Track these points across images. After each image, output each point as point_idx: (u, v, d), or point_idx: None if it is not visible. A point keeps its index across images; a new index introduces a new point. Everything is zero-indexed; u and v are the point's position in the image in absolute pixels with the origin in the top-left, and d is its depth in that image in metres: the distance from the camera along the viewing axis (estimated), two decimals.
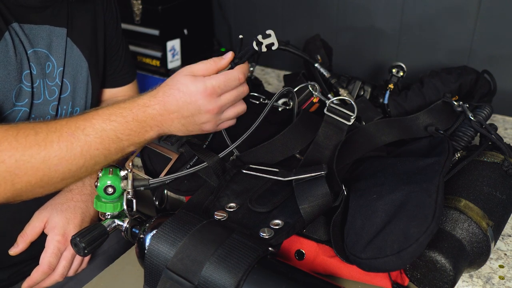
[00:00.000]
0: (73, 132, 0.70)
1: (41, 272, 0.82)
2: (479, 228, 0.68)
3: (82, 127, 0.70)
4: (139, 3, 1.44)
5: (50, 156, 0.68)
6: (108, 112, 0.72)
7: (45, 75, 0.87)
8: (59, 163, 0.69)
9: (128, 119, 0.72)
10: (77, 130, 0.70)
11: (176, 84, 0.74)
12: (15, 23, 0.80)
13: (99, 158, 0.72)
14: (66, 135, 0.69)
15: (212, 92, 0.73)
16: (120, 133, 0.72)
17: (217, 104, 0.75)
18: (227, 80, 0.75)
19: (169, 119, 0.74)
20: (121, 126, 0.72)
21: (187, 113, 0.74)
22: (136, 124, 0.72)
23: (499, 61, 1.23)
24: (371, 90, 1.04)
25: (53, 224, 0.83)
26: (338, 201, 0.73)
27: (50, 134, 0.69)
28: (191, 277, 0.57)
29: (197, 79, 0.73)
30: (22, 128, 0.69)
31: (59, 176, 0.70)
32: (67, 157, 0.69)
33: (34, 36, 0.84)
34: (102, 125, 0.71)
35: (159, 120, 0.74)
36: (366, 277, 0.70)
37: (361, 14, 1.39)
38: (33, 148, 0.68)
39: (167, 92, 0.74)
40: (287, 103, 0.99)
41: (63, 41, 0.89)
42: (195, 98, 0.73)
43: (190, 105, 0.73)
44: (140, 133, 0.73)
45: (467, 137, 0.86)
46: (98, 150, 0.71)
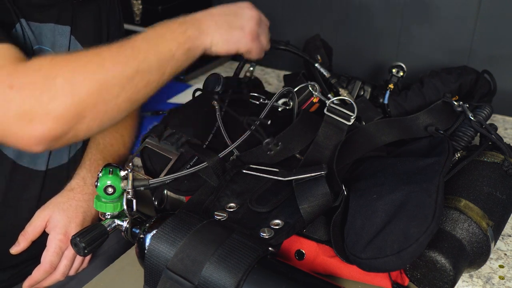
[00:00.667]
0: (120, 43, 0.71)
1: (43, 271, 0.82)
2: (479, 228, 0.68)
3: (127, 40, 0.72)
4: (139, 3, 1.44)
5: (104, 60, 0.68)
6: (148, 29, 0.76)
7: None
8: (113, 67, 0.68)
9: (169, 24, 0.76)
10: (123, 40, 0.72)
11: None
12: (23, 19, 0.80)
13: (151, 60, 0.71)
14: (115, 45, 0.70)
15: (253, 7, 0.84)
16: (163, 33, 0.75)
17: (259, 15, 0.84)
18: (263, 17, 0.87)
19: (210, 16, 0.79)
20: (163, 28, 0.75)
21: (229, 11, 0.81)
22: (177, 24, 0.76)
23: (499, 61, 1.23)
24: (371, 90, 1.04)
25: (55, 223, 0.83)
26: (338, 201, 0.73)
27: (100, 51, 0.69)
28: (191, 277, 0.57)
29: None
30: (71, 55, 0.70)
31: (117, 83, 0.67)
32: (120, 58, 0.69)
33: (39, 34, 0.84)
34: (146, 30, 0.75)
35: (199, 18, 0.78)
36: (366, 277, 0.70)
37: (361, 14, 1.39)
38: (87, 56, 0.68)
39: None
40: (287, 103, 0.99)
41: (67, 39, 0.89)
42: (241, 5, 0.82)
43: (234, 6, 0.81)
44: (182, 31, 0.75)
45: (467, 137, 0.86)
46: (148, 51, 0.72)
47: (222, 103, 0.93)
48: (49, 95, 0.62)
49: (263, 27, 0.86)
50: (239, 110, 0.98)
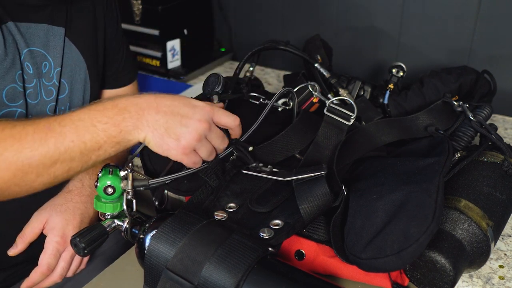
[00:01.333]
0: (49, 124, 0.67)
1: (40, 273, 0.82)
2: (479, 228, 0.68)
3: (60, 119, 0.68)
4: (139, 3, 1.44)
5: (23, 147, 0.65)
6: (92, 104, 0.70)
7: (41, 74, 0.86)
8: (32, 156, 0.65)
9: (108, 106, 0.68)
10: (54, 122, 0.67)
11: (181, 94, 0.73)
12: (11, 22, 0.80)
13: (74, 152, 0.67)
14: (42, 127, 0.67)
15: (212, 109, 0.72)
16: (96, 121, 0.67)
17: (209, 122, 0.72)
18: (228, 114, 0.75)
19: (154, 112, 0.69)
20: (99, 113, 0.68)
21: (179, 112, 0.70)
22: (115, 111, 0.68)
23: (499, 61, 1.23)
24: (371, 90, 1.04)
25: (52, 225, 0.83)
26: (338, 201, 0.73)
27: (26, 127, 0.67)
28: (191, 277, 0.57)
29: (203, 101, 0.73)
30: (1, 123, 0.67)
31: (33, 171, 0.66)
32: (40, 149, 0.66)
33: (31, 35, 0.84)
34: (80, 115, 0.68)
35: (142, 107, 0.69)
36: (366, 277, 0.70)
37: (361, 14, 1.39)
38: (7, 140, 0.65)
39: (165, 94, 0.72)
40: (287, 103, 0.99)
41: (61, 41, 0.89)
42: (195, 104, 0.71)
43: (185, 107, 0.70)
44: (116, 121, 0.68)
45: (467, 137, 0.86)
46: (73, 142, 0.67)
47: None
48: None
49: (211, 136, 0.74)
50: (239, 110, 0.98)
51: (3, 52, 0.78)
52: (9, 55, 0.80)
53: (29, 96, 0.85)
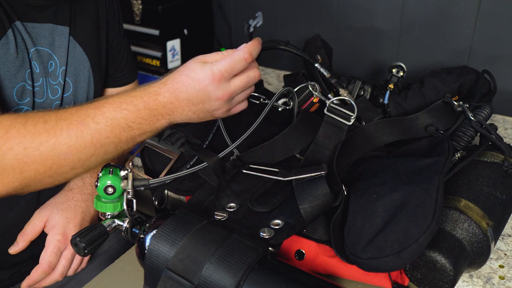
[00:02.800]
0: (83, 120, 0.69)
1: (41, 271, 0.82)
2: (479, 228, 0.68)
3: (92, 115, 0.69)
4: (139, 3, 1.44)
5: (60, 143, 0.67)
6: (119, 101, 0.71)
7: (47, 73, 0.87)
8: (68, 151, 0.67)
9: (139, 107, 0.71)
10: (87, 118, 0.69)
11: (185, 70, 0.73)
12: (18, 21, 0.80)
13: (109, 147, 0.71)
14: (76, 123, 0.68)
15: (220, 78, 0.72)
16: (131, 122, 0.71)
17: (226, 90, 0.73)
18: (232, 62, 0.72)
19: (179, 106, 0.73)
20: (132, 114, 0.71)
21: (197, 101, 0.73)
22: (147, 112, 0.72)
23: (499, 61, 1.23)
24: (371, 90, 1.04)
25: (53, 223, 0.83)
26: (338, 201, 0.73)
27: (59, 122, 0.68)
28: (191, 277, 0.57)
29: (206, 65, 0.72)
30: (31, 117, 0.68)
31: (68, 164, 0.69)
32: (77, 145, 0.68)
33: (37, 35, 0.84)
34: (113, 113, 0.70)
35: (169, 108, 0.73)
36: (366, 277, 0.70)
37: (361, 14, 1.39)
38: (42, 135, 0.66)
39: (176, 78, 0.73)
40: (287, 103, 0.99)
41: (66, 40, 0.89)
42: (204, 85, 0.72)
43: (200, 92, 0.72)
44: (151, 122, 0.72)
45: (467, 137, 0.86)
46: (109, 138, 0.70)
47: None
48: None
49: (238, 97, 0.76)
50: None
51: (15, 50, 0.79)
52: (19, 54, 0.80)
53: (36, 94, 0.85)
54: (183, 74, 0.73)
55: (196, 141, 0.89)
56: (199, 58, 0.74)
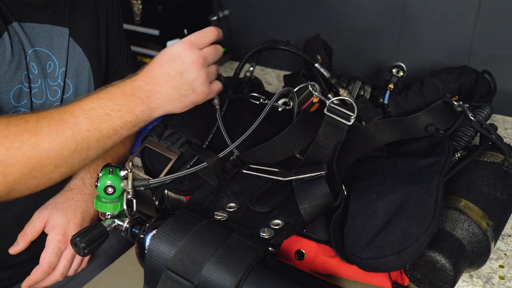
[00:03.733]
0: (62, 116, 0.69)
1: (41, 271, 0.82)
2: (479, 228, 0.68)
3: (71, 110, 0.70)
4: (139, 3, 1.44)
5: (41, 141, 0.67)
6: (96, 93, 0.72)
7: (46, 74, 0.87)
8: (50, 148, 0.67)
9: (116, 94, 0.71)
10: (66, 113, 0.69)
11: (159, 54, 0.75)
12: (15, 22, 0.80)
13: (91, 140, 0.70)
14: (56, 119, 0.68)
15: (191, 44, 0.74)
16: (109, 110, 0.70)
17: (200, 54, 0.75)
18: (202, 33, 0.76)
19: (157, 84, 0.73)
20: (110, 102, 0.71)
21: (173, 71, 0.73)
22: (125, 98, 0.71)
23: (499, 61, 1.23)
24: (371, 90, 1.04)
25: (54, 224, 0.83)
26: (338, 201, 0.73)
27: (40, 120, 0.68)
28: (191, 277, 0.57)
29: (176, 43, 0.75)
30: (14, 118, 0.68)
31: (51, 163, 0.68)
32: (58, 140, 0.68)
33: (35, 35, 0.84)
34: (91, 105, 0.70)
35: (147, 89, 0.72)
36: (366, 277, 0.70)
37: (361, 14, 1.39)
38: (24, 134, 0.66)
39: (150, 64, 0.75)
40: (287, 103, 0.99)
41: (65, 41, 0.89)
42: (177, 54, 0.73)
43: (174, 62, 0.73)
44: (129, 107, 0.72)
45: (467, 137, 0.86)
46: (89, 131, 0.70)
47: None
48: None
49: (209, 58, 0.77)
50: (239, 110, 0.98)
51: (10, 53, 0.79)
52: (16, 56, 0.80)
53: (35, 96, 0.85)
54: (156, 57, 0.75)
55: (196, 141, 0.89)
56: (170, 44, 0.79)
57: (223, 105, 0.96)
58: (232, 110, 0.97)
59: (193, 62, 0.74)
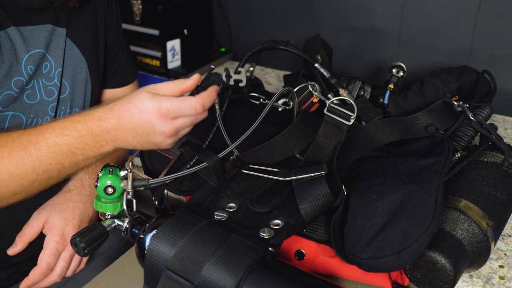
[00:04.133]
0: (24, 147, 0.68)
1: (39, 272, 0.82)
2: (479, 228, 0.68)
3: (34, 141, 0.69)
4: (139, 3, 1.44)
5: (0, 170, 0.67)
6: (61, 126, 0.70)
7: (40, 75, 0.86)
8: (9, 178, 0.68)
9: (82, 133, 0.70)
10: (29, 144, 0.69)
11: (133, 99, 0.70)
12: (13, 26, 0.80)
13: (52, 172, 0.70)
14: (17, 149, 0.68)
15: (166, 114, 0.70)
16: (73, 148, 0.70)
17: (172, 126, 0.71)
18: (181, 107, 0.70)
19: (123, 134, 0.71)
20: (75, 140, 0.70)
21: (141, 132, 0.71)
22: (91, 138, 0.70)
23: (499, 61, 1.23)
24: (371, 90, 1.04)
25: (52, 225, 0.83)
26: (338, 201, 0.73)
27: (0, 149, 0.68)
28: (191, 277, 0.57)
29: (155, 97, 0.70)
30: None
31: (10, 191, 0.69)
32: (18, 172, 0.68)
33: (33, 37, 0.84)
34: (55, 139, 0.69)
35: (114, 134, 0.71)
36: (366, 277, 0.70)
37: (361, 14, 1.39)
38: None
39: (123, 106, 0.71)
40: (287, 103, 0.99)
41: (62, 42, 0.89)
42: (150, 117, 0.70)
43: (145, 124, 0.70)
44: (95, 147, 0.71)
45: (467, 137, 0.86)
46: (51, 164, 0.70)
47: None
48: None
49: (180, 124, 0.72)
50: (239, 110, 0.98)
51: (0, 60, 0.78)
52: (6, 62, 0.79)
53: (28, 97, 0.85)
54: (130, 102, 0.71)
55: (196, 141, 0.89)
56: (149, 88, 0.72)
57: (223, 105, 0.96)
58: (232, 110, 0.97)
59: (162, 133, 0.71)
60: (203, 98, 0.72)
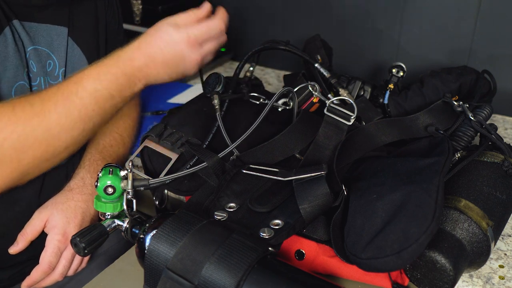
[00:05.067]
0: (67, 97, 0.70)
1: (41, 271, 0.82)
2: (479, 228, 0.68)
3: (75, 91, 0.71)
4: (139, 3, 1.44)
5: (51, 125, 0.69)
6: (96, 72, 0.73)
7: (46, 73, 0.87)
8: (61, 130, 0.70)
9: (118, 75, 0.73)
10: (71, 95, 0.71)
11: (159, 33, 0.75)
12: (16, 20, 0.80)
13: (96, 118, 0.74)
14: (61, 101, 0.70)
15: (195, 42, 0.75)
16: (112, 90, 0.73)
17: (200, 53, 0.77)
18: (208, 30, 0.77)
19: (155, 69, 0.76)
20: (112, 83, 0.73)
21: (172, 63, 0.76)
22: (125, 78, 0.74)
23: (499, 61, 1.23)
24: (371, 90, 1.04)
25: (54, 224, 0.83)
26: (338, 201, 0.73)
27: (45, 103, 0.69)
28: (191, 277, 0.57)
29: (180, 29, 0.75)
30: (17, 102, 0.69)
31: (62, 144, 0.71)
32: (67, 123, 0.70)
33: (35, 34, 0.84)
34: (94, 86, 0.72)
35: (145, 71, 0.76)
36: (366, 277, 0.70)
37: (361, 14, 1.39)
38: (33, 119, 0.68)
39: (151, 42, 0.75)
40: (287, 103, 0.99)
41: (64, 41, 0.89)
42: (180, 48, 0.75)
43: (176, 56, 0.75)
44: (129, 87, 0.76)
45: (467, 137, 0.86)
46: (94, 111, 0.72)
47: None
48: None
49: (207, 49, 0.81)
50: (239, 110, 0.98)
51: (13, 48, 0.79)
52: (17, 53, 0.80)
53: None
54: (156, 37, 0.75)
55: (196, 141, 0.89)
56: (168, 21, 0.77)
57: (223, 105, 0.96)
58: (232, 110, 0.97)
59: (192, 61, 0.77)
60: (223, 16, 0.82)
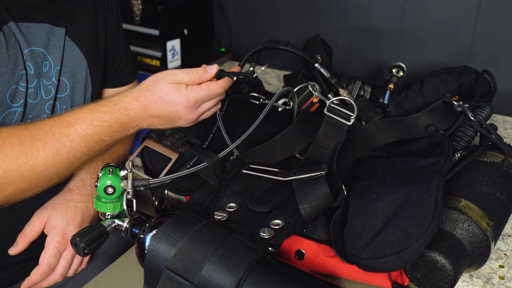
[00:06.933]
0: (58, 139, 0.72)
1: (41, 272, 0.82)
2: (479, 228, 0.68)
3: (66, 133, 0.73)
4: (139, 3, 1.44)
5: (38, 164, 0.71)
6: (90, 117, 0.75)
7: (41, 74, 0.86)
8: (46, 169, 0.72)
9: (111, 123, 0.75)
10: (62, 136, 0.73)
11: (158, 92, 0.76)
12: (12, 22, 0.80)
13: (83, 158, 0.76)
14: (51, 142, 0.72)
15: (194, 104, 0.77)
16: (103, 136, 0.75)
17: (196, 113, 0.79)
18: (208, 95, 0.78)
19: (149, 120, 0.78)
20: (105, 130, 0.75)
21: (167, 118, 0.78)
22: (119, 126, 0.76)
23: (499, 61, 1.23)
24: (371, 90, 1.04)
25: (53, 224, 0.83)
26: (338, 201, 0.73)
27: (35, 143, 0.71)
28: (191, 277, 0.57)
29: (180, 90, 0.76)
30: (6, 138, 0.70)
31: (46, 179, 0.73)
32: (54, 163, 0.72)
33: (32, 35, 0.84)
34: (86, 130, 0.74)
35: (140, 121, 0.78)
36: (366, 277, 0.70)
37: (361, 14, 1.39)
38: (20, 158, 0.70)
39: (148, 97, 0.76)
40: (287, 103, 0.99)
41: (61, 41, 0.89)
42: (177, 109, 0.76)
43: (171, 113, 0.77)
44: (122, 133, 0.78)
45: (467, 137, 0.86)
46: (83, 152, 0.75)
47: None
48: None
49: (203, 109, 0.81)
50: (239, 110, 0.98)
51: (6, 53, 0.79)
52: (12, 56, 0.80)
53: (30, 96, 0.85)
54: (155, 95, 0.76)
55: (196, 141, 0.89)
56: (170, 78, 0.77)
57: (223, 105, 0.96)
58: (232, 110, 0.97)
59: (187, 119, 0.79)
60: (225, 83, 0.80)
